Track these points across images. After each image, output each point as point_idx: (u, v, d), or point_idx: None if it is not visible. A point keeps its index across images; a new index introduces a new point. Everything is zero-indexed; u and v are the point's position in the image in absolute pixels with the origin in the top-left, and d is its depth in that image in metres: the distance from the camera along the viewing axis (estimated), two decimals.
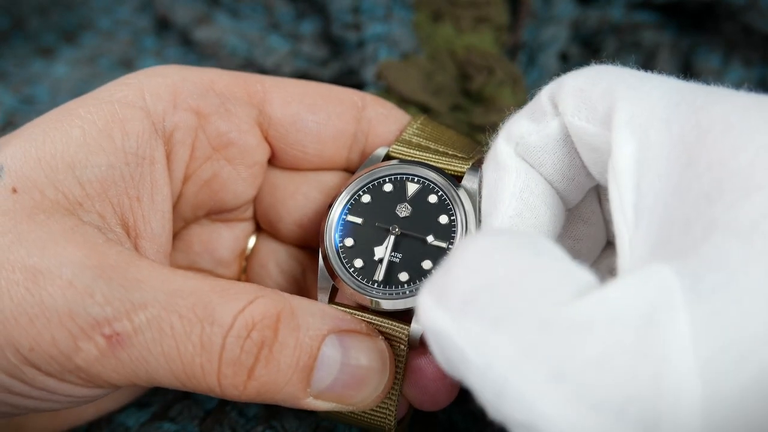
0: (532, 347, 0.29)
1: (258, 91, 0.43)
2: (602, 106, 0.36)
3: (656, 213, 0.33)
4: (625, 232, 0.33)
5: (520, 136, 0.40)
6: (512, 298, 0.30)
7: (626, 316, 0.29)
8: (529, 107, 0.40)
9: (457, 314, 0.30)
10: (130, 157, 0.39)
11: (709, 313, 0.29)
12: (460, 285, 0.31)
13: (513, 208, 0.40)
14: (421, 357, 0.41)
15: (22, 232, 0.36)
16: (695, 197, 0.32)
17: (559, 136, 0.39)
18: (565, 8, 0.59)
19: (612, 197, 0.34)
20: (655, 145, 0.34)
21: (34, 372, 0.36)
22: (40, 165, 0.38)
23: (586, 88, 0.37)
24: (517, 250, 0.32)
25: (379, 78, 0.55)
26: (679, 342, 0.29)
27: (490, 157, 0.41)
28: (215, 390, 0.36)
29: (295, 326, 0.37)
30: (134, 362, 0.35)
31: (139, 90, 0.41)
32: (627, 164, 0.34)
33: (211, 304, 0.36)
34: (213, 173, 0.43)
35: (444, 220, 0.41)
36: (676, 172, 0.33)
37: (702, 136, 0.33)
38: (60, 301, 0.35)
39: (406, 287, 0.40)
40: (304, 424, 0.44)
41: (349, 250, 0.42)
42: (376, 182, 0.43)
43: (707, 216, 0.31)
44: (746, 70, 0.57)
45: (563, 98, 0.38)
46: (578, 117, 0.37)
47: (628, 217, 0.33)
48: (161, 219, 0.41)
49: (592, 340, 0.29)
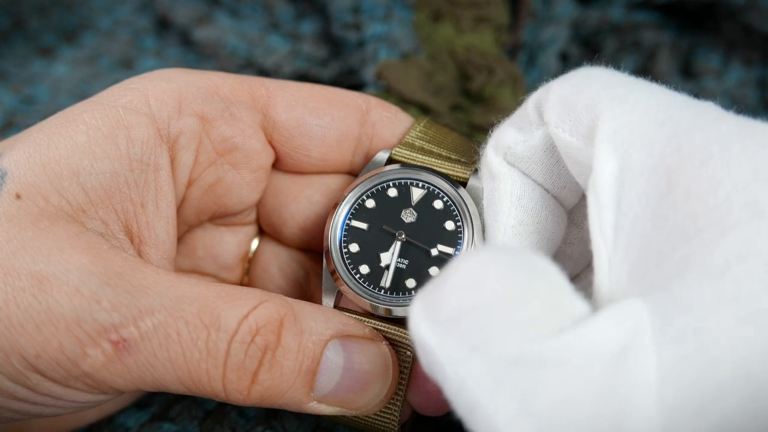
0: (503, 379, 0.29)
1: (262, 95, 0.43)
2: (586, 119, 0.36)
3: (634, 236, 0.32)
4: (604, 252, 0.33)
5: (507, 146, 0.40)
6: (495, 326, 0.30)
7: (596, 356, 0.29)
8: (516, 115, 0.40)
9: (441, 331, 0.31)
10: (135, 164, 0.39)
11: (675, 357, 0.29)
12: (449, 302, 0.31)
13: (513, 217, 0.40)
14: None
15: (27, 238, 0.36)
16: (671, 228, 0.31)
17: (545, 147, 0.39)
18: (565, 8, 0.59)
19: (591, 214, 0.34)
20: (637, 165, 0.33)
21: (38, 378, 0.36)
22: (44, 171, 0.38)
23: (571, 98, 0.36)
24: (512, 273, 0.32)
25: (379, 78, 0.55)
26: (643, 386, 0.29)
27: (483, 166, 0.41)
28: (220, 395, 0.36)
29: (299, 331, 0.37)
30: (140, 368, 0.36)
31: (144, 95, 0.41)
32: (607, 182, 0.33)
33: (217, 310, 0.36)
34: (217, 178, 0.43)
35: (450, 227, 0.41)
36: (655, 197, 0.32)
37: (682, 162, 0.32)
38: (67, 307, 0.35)
39: (413, 293, 0.40)
40: (304, 424, 0.44)
41: (355, 256, 0.42)
42: (381, 187, 0.43)
43: (682, 251, 0.31)
44: (746, 70, 0.57)
45: (548, 108, 0.37)
46: (562, 129, 0.37)
47: (607, 236, 0.33)
48: (165, 225, 0.41)
49: (561, 378, 0.29)
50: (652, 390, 0.29)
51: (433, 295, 0.32)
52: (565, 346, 0.30)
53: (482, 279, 0.31)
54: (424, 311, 0.32)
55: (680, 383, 0.29)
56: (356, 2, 0.58)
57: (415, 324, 0.32)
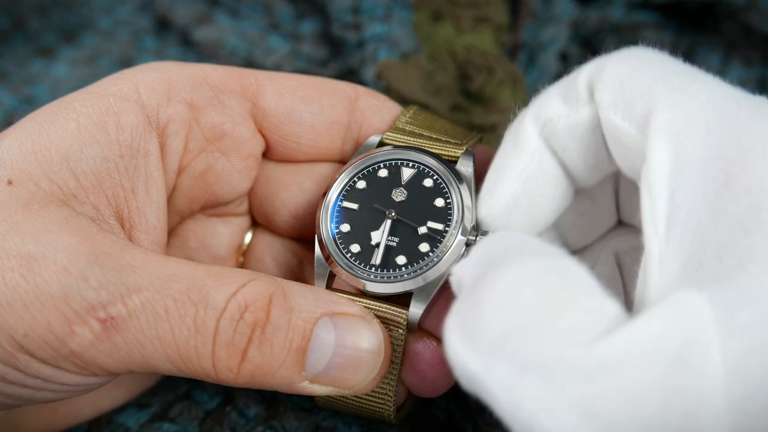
0: (563, 389, 0.29)
1: (251, 84, 0.44)
2: (641, 106, 0.35)
3: (688, 229, 0.32)
4: (656, 246, 0.33)
5: (549, 118, 0.39)
6: (543, 340, 0.30)
7: (657, 354, 0.29)
8: (563, 86, 0.39)
9: (488, 357, 0.30)
10: (125, 150, 0.40)
11: (742, 350, 0.28)
12: (491, 327, 0.30)
13: (512, 193, 0.39)
14: (419, 341, 0.41)
15: (17, 221, 0.36)
16: (731, 222, 0.31)
17: (590, 125, 0.38)
18: (565, 8, 0.59)
19: (644, 207, 0.33)
20: (693, 157, 0.33)
21: (28, 359, 0.36)
22: (35, 157, 0.38)
23: (627, 81, 0.36)
24: (547, 284, 0.31)
25: (379, 78, 0.55)
26: (711, 380, 0.28)
27: (513, 129, 0.40)
28: (210, 374, 0.36)
29: (288, 308, 0.37)
30: (129, 346, 0.36)
31: (134, 84, 0.41)
32: (662, 174, 0.33)
33: (205, 288, 0.36)
34: (207, 165, 0.43)
35: (440, 203, 0.41)
36: (712, 190, 0.32)
37: (742, 156, 0.32)
38: (54, 286, 0.35)
39: (403, 270, 0.40)
40: (304, 424, 0.44)
41: (346, 236, 0.42)
42: (371, 168, 0.43)
43: (743, 244, 0.30)
44: (746, 70, 0.57)
45: (601, 88, 0.37)
46: (614, 112, 0.36)
47: (659, 230, 0.33)
48: (156, 210, 0.41)
49: (622, 380, 0.29)
50: (719, 383, 0.28)
51: (471, 321, 0.31)
52: (621, 346, 0.29)
53: (519, 296, 0.31)
54: (464, 342, 0.31)
55: (749, 376, 0.28)
56: (356, 2, 0.58)
57: (455, 353, 0.31)
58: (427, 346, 0.41)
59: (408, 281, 0.40)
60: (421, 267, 0.40)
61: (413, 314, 0.40)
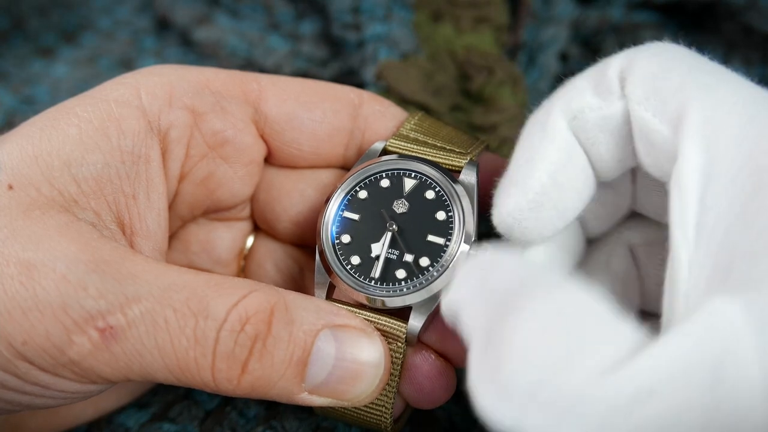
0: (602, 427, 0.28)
1: (254, 90, 0.43)
2: (673, 104, 0.34)
3: (717, 233, 0.31)
4: (685, 252, 0.32)
5: (579, 110, 0.38)
6: (573, 383, 0.29)
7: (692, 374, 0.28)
8: (594, 77, 0.38)
9: (524, 408, 0.29)
10: (126, 156, 0.40)
11: None
12: (524, 378, 0.29)
13: (541, 185, 0.38)
14: (417, 354, 0.41)
15: (18, 227, 0.36)
16: (762, 227, 0.30)
17: (621, 120, 0.37)
18: (565, 8, 0.59)
19: (672, 210, 0.33)
20: (725, 160, 0.32)
21: (27, 366, 0.36)
22: (36, 162, 0.38)
23: (660, 77, 0.35)
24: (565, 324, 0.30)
25: (379, 78, 0.55)
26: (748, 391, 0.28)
27: (537, 118, 0.39)
28: (209, 384, 0.36)
29: (289, 320, 0.37)
30: (128, 356, 0.35)
31: (135, 89, 0.41)
32: (693, 175, 0.32)
33: (206, 298, 0.36)
34: (209, 171, 0.43)
35: (441, 217, 0.41)
36: (744, 194, 0.31)
37: None
38: (53, 294, 0.35)
39: (403, 284, 0.40)
40: (304, 424, 0.44)
41: (346, 247, 0.42)
42: (373, 178, 0.43)
43: None
44: (746, 70, 0.57)
45: (632, 81, 0.36)
46: (645, 107, 0.35)
47: (689, 236, 0.32)
48: (157, 217, 0.41)
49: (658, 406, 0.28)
50: (758, 393, 0.28)
51: (498, 374, 0.30)
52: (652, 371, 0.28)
53: (543, 340, 0.30)
54: (496, 395, 0.30)
55: None
56: (356, 2, 0.58)
57: (487, 408, 0.30)
58: (426, 359, 0.41)
59: (408, 295, 0.40)
60: (420, 282, 0.40)
61: (412, 327, 0.40)
